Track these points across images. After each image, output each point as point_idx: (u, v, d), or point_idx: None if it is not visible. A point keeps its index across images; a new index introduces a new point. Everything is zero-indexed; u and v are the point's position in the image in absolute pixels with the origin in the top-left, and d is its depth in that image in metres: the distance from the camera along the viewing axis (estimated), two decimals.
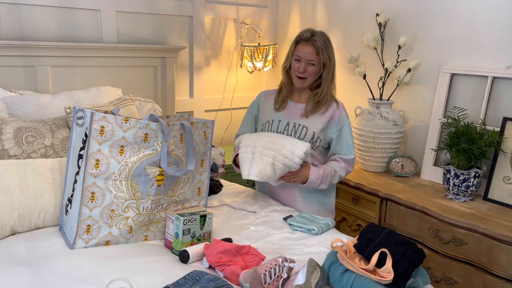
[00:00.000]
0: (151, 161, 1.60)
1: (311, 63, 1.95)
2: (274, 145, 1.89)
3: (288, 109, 2.05)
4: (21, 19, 2.38)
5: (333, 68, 1.99)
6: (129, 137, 1.57)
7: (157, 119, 1.64)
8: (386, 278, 1.27)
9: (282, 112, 2.06)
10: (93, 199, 1.57)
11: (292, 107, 2.05)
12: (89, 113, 1.55)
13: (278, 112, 2.07)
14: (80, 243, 1.56)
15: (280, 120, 2.04)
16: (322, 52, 1.94)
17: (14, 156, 1.82)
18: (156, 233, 1.70)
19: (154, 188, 1.62)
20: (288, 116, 2.03)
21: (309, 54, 1.94)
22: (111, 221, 1.59)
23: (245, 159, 1.93)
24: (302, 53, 1.96)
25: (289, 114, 2.04)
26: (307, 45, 1.96)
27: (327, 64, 1.97)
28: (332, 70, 1.99)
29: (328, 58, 1.96)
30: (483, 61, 2.29)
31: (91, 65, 2.56)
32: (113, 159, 1.57)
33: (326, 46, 1.95)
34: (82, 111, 1.58)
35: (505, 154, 2.13)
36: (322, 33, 1.99)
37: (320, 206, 2.06)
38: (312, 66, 1.96)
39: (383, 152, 2.54)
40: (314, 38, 1.95)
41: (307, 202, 2.04)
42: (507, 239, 1.79)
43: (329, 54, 1.96)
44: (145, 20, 2.80)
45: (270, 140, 1.92)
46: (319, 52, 1.94)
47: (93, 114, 1.53)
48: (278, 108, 2.07)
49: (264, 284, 1.32)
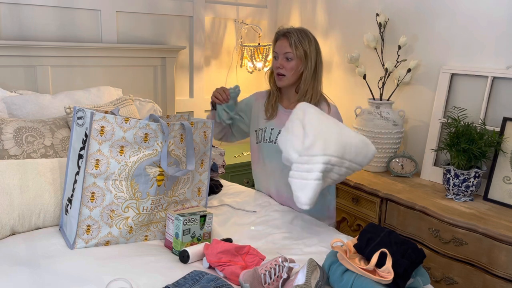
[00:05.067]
0: (151, 161, 1.60)
1: (287, 58, 1.91)
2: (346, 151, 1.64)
3: (278, 117, 2.03)
4: (21, 19, 2.38)
5: (313, 65, 1.93)
6: (129, 137, 1.57)
7: (157, 119, 1.64)
8: (386, 278, 1.27)
9: (273, 120, 2.04)
10: (93, 199, 1.57)
11: (283, 114, 2.02)
12: (89, 113, 1.55)
13: (269, 121, 2.05)
14: (80, 243, 1.56)
15: (272, 128, 2.02)
16: (296, 46, 1.89)
17: (14, 156, 1.82)
18: (156, 233, 1.70)
19: (154, 188, 1.62)
20: (279, 124, 1.98)
21: (284, 48, 1.91)
22: (111, 221, 1.59)
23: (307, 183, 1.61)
24: (278, 48, 1.94)
25: (280, 121, 1.99)
26: (282, 39, 1.94)
27: (303, 60, 1.92)
28: (312, 68, 1.93)
29: (304, 52, 1.90)
30: (483, 61, 2.29)
31: (91, 65, 2.56)
32: (113, 159, 1.57)
33: (302, 41, 1.90)
34: (82, 111, 1.58)
35: (505, 154, 2.13)
36: (300, 28, 1.96)
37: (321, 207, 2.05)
38: (289, 61, 1.91)
39: (383, 152, 2.54)
40: (288, 31, 1.93)
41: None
42: (507, 239, 1.79)
43: (305, 49, 1.90)
44: (145, 20, 2.80)
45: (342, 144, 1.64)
46: (292, 45, 1.89)
47: (93, 114, 1.53)
48: (269, 117, 2.04)
49: (264, 284, 1.32)
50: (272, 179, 2.08)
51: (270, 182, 2.10)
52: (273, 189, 2.10)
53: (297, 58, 1.91)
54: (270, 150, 2.03)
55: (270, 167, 2.07)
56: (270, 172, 2.08)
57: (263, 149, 2.06)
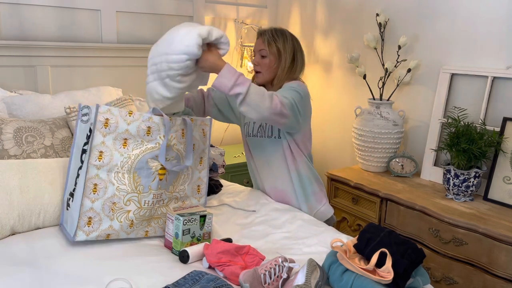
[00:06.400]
0: (153, 154, 1.62)
1: (262, 55, 1.99)
2: (163, 54, 1.61)
3: None
4: (21, 19, 2.38)
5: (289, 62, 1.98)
6: (133, 130, 1.59)
7: (160, 113, 1.65)
8: (386, 278, 1.27)
9: None
10: (95, 190, 1.57)
11: None
12: (94, 107, 1.58)
13: None
14: (80, 235, 1.56)
15: (254, 121, 2.07)
16: (269, 43, 1.97)
17: (14, 156, 1.82)
18: (156, 229, 1.70)
19: (156, 182, 1.63)
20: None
21: (258, 45, 2.01)
22: (112, 214, 1.59)
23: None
24: (255, 46, 2.05)
25: None
26: (258, 39, 2.03)
27: (277, 57, 1.98)
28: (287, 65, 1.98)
29: (277, 49, 1.97)
30: (483, 61, 2.29)
31: (91, 65, 2.56)
32: (116, 151, 1.59)
33: (276, 38, 1.98)
34: (88, 108, 1.62)
35: (505, 154, 2.13)
36: (276, 27, 2.03)
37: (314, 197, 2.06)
38: (264, 59, 1.99)
39: (383, 152, 2.54)
40: (263, 31, 2.02)
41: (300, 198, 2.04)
42: (507, 239, 1.79)
43: (278, 46, 1.97)
44: (145, 20, 2.80)
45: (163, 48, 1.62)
46: (265, 42, 1.97)
47: (98, 107, 1.57)
48: None
49: (264, 284, 1.32)
50: (262, 173, 2.13)
51: (262, 177, 2.14)
52: (266, 185, 2.14)
53: (270, 54, 1.98)
54: (254, 144, 2.10)
55: (258, 162, 2.12)
56: (259, 167, 2.13)
57: (249, 143, 2.13)
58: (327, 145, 3.20)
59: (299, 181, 2.03)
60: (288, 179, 2.04)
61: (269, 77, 2.01)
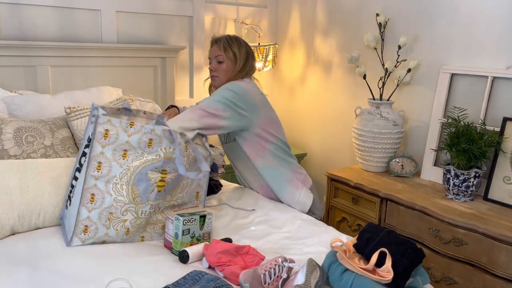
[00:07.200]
0: (154, 166, 1.59)
1: (219, 61, 2.10)
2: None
3: None
4: (21, 19, 2.38)
5: (241, 66, 2.10)
6: (134, 142, 1.57)
7: (164, 123, 1.64)
8: (386, 278, 1.27)
9: None
10: (92, 200, 1.57)
11: None
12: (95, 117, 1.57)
13: None
14: (76, 242, 1.57)
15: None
16: (225, 49, 2.09)
17: (14, 156, 1.82)
18: (152, 234, 1.70)
19: (154, 194, 1.61)
20: None
21: (215, 52, 2.12)
22: (109, 223, 1.59)
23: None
24: (211, 53, 2.15)
25: None
26: (214, 46, 2.15)
27: (233, 61, 2.10)
28: (239, 66, 2.10)
29: (234, 54, 2.09)
30: (483, 61, 2.29)
31: (91, 65, 2.56)
32: (115, 162, 1.57)
33: (231, 44, 2.10)
34: (97, 110, 1.60)
35: (505, 154, 2.13)
36: (228, 35, 2.15)
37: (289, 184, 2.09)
38: (221, 64, 2.10)
39: (383, 152, 2.54)
40: (218, 38, 2.13)
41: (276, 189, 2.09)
42: (507, 239, 1.79)
43: (234, 50, 2.09)
44: (145, 20, 2.80)
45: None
46: (222, 49, 2.09)
47: (97, 118, 1.54)
48: None
49: (264, 284, 1.32)
50: (243, 175, 2.22)
51: (248, 180, 2.21)
52: (254, 185, 2.20)
53: (227, 60, 2.10)
54: (225, 151, 2.24)
55: (234, 166, 2.24)
56: (241, 170, 2.21)
57: (225, 150, 2.24)
58: (327, 145, 3.20)
59: (269, 174, 2.09)
60: (259, 176, 2.12)
61: (225, 80, 2.12)
